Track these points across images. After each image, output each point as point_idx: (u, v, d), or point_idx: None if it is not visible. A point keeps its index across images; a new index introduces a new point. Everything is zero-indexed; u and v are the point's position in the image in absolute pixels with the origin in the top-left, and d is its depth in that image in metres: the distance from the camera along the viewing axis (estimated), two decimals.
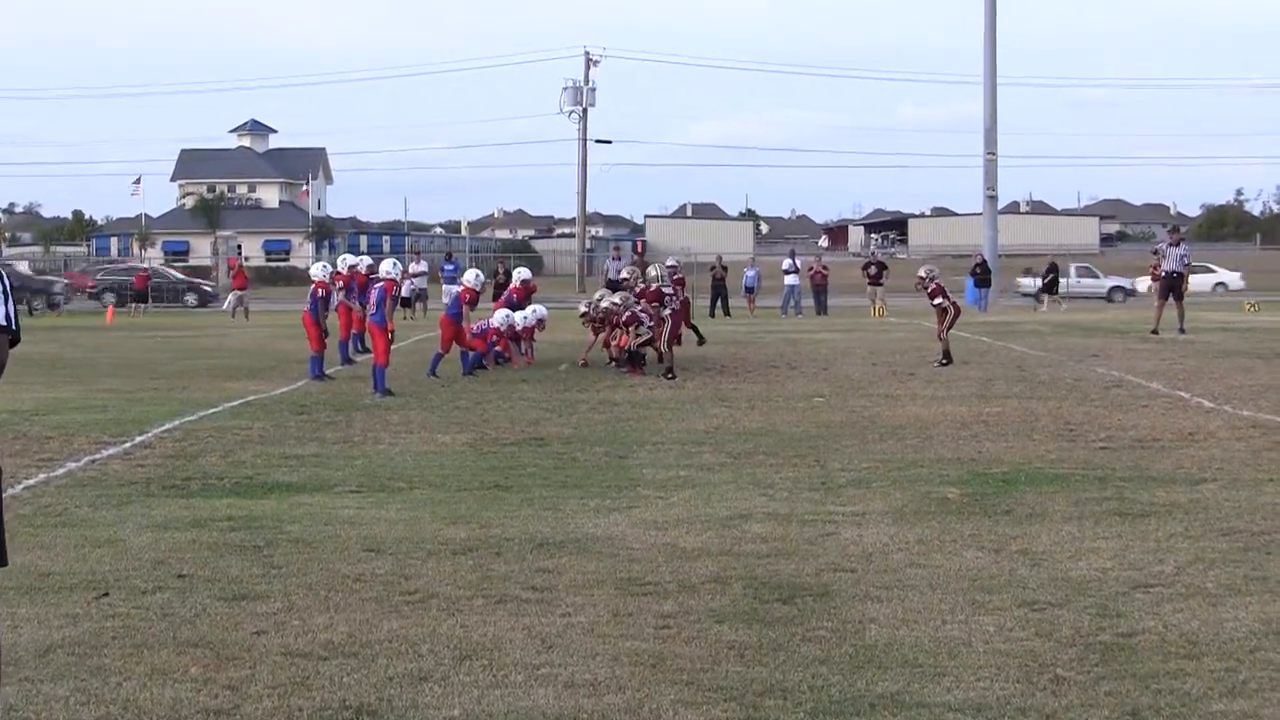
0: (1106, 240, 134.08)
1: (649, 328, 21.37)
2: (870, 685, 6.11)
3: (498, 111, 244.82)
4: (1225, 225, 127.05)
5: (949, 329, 22.99)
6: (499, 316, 22.77)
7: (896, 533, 9.37)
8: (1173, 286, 30.42)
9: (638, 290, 22.49)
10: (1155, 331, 29.43)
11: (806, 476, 11.83)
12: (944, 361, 22.45)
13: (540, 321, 24.00)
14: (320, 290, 21.73)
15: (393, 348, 19.62)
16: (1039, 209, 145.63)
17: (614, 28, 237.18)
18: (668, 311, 21.89)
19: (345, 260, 24.65)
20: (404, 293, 42.78)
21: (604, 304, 23.02)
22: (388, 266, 21.03)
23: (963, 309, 24.58)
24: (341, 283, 23.72)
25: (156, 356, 27.17)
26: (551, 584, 8.00)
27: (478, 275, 23.18)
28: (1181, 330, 29.64)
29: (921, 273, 23.64)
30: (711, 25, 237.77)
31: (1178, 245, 30.91)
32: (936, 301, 23.02)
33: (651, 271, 24.11)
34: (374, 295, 19.88)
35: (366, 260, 24.78)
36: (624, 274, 23.53)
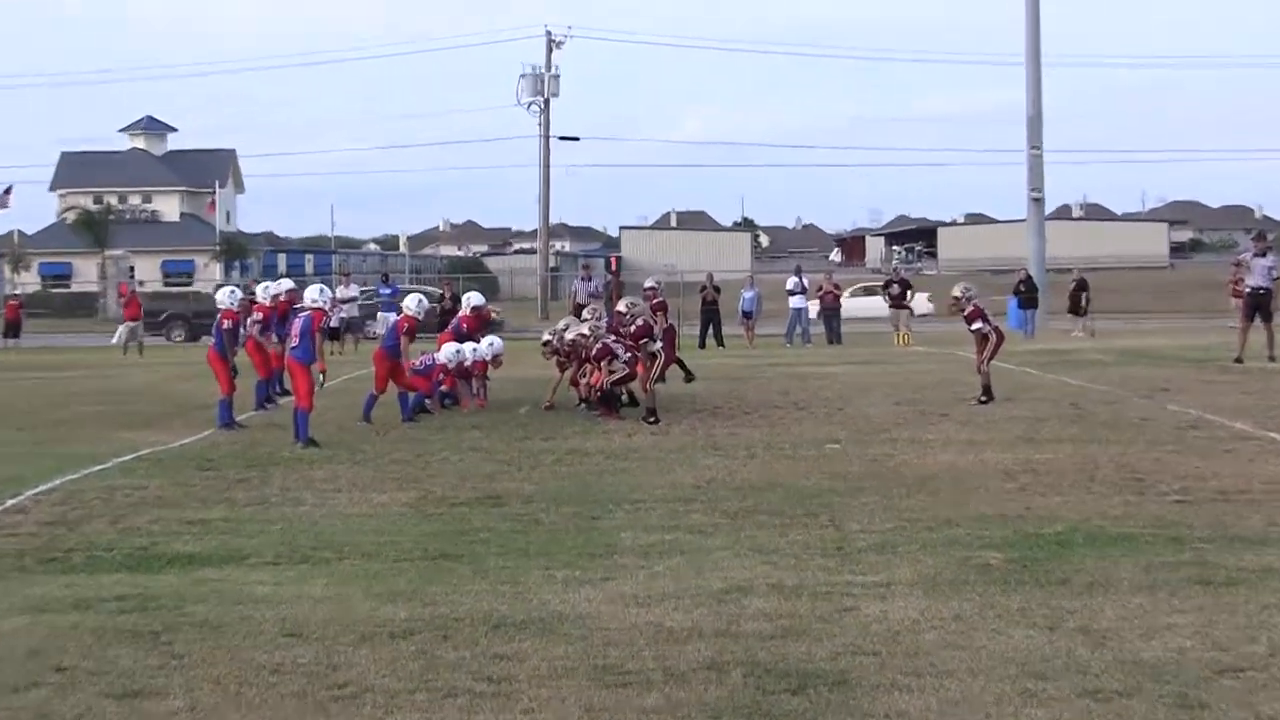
0: (1178, 250, 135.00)
1: (625, 362, 21.36)
2: None
3: (441, 104, 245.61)
4: None
5: (990, 359, 23.01)
6: (446, 351, 22.75)
7: (929, 607, 9.34)
8: (1259, 305, 30.22)
9: (633, 328, 22.16)
10: (1239, 360, 29.35)
11: (819, 540, 11.80)
12: (984, 399, 22.47)
13: (496, 357, 23.93)
14: (227, 321, 21.65)
15: (319, 389, 19.57)
16: (1095, 213, 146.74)
17: (580, 2, 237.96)
18: (657, 346, 21.87)
19: (267, 289, 24.31)
20: (332, 322, 42.89)
21: (570, 334, 22.95)
22: (314, 293, 20.71)
23: (1006, 335, 24.50)
24: (260, 314, 23.43)
25: (32, 402, 27.04)
26: (511, 674, 7.97)
27: (420, 301, 22.92)
28: (1271, 358, 29.65)
29: (956, 292, 23.68)
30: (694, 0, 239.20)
31: (1264, 255, 30.72)
32: (975, 326, 23.05)
33: (622, 306, 23.48)
34: (297, 326, 19.79)
35: (287, 284, 24.70)
36: (621, 307, 23.13)
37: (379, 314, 45.27)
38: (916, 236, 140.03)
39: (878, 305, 54.11)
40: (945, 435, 18.86)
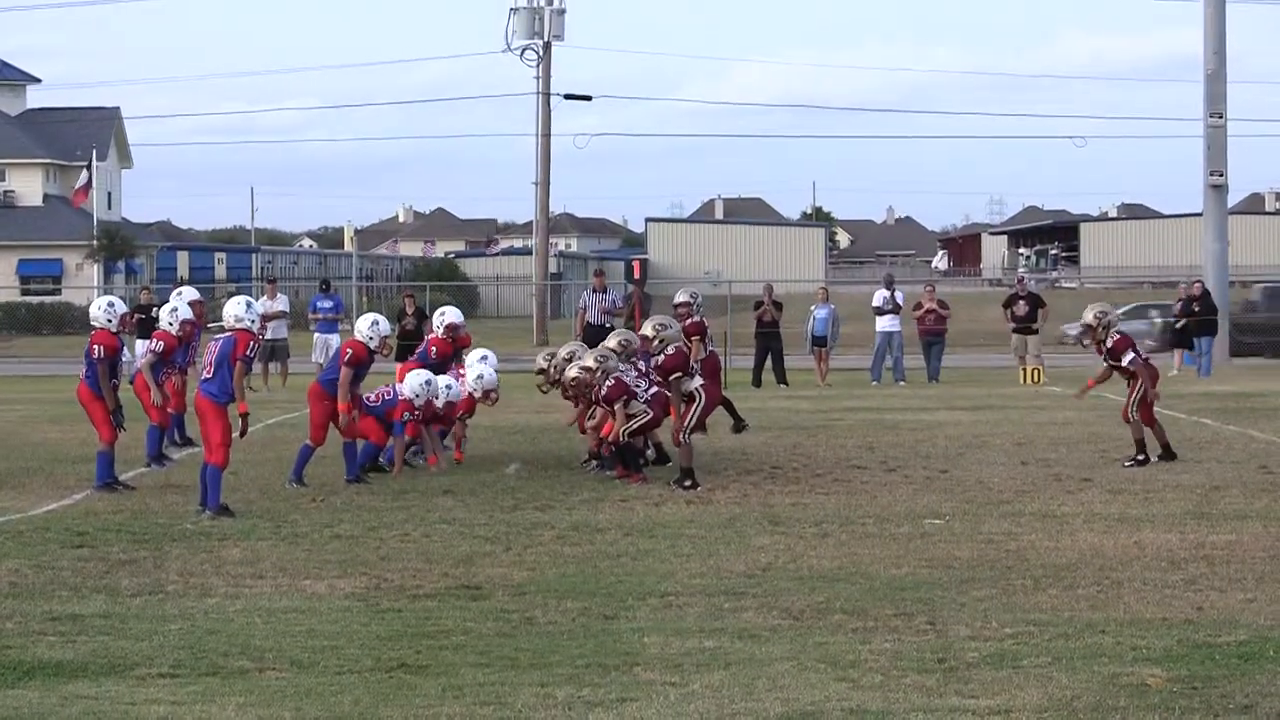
0: None
1: (647, 404, 21.37)
2: None
3: (402, 48, 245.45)
4: None
5: (1144, 404, 22.94)
6: (411, 383, 22.37)
7: None
8: None
9: (662, 358, 21.90)
10: None
11: (914, 649, 11.83)
12: (1140, 459, 22.47)
13: (487, 393, 23.56)
14: (98, 347, 21.35)
15: (235, 437, 19.59)
16: None
17: None
18: (696, 384, 21.65)
19: (177, 308, 23.61)
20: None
21: (573, 369, 22.58)
22: (237, 309, 19.85)
23: (1159, 373, 24.44)
24: (161, 342, 23.04)
25: None
26: None
27: (375, 323, 22.42)
28: None
29: (1089, 317, 23.64)
30: None
31: None
32: (1127, 360, 23.03)
33: (648, 330, 23.13)
34: (213, 352, 19.47)
35: (190, 294, 24.61)
36: (647, 330, 22.76)
37: (316, 335, 45.25)
38: (1051, 235, 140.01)
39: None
40: (1088, 508, 18.87)
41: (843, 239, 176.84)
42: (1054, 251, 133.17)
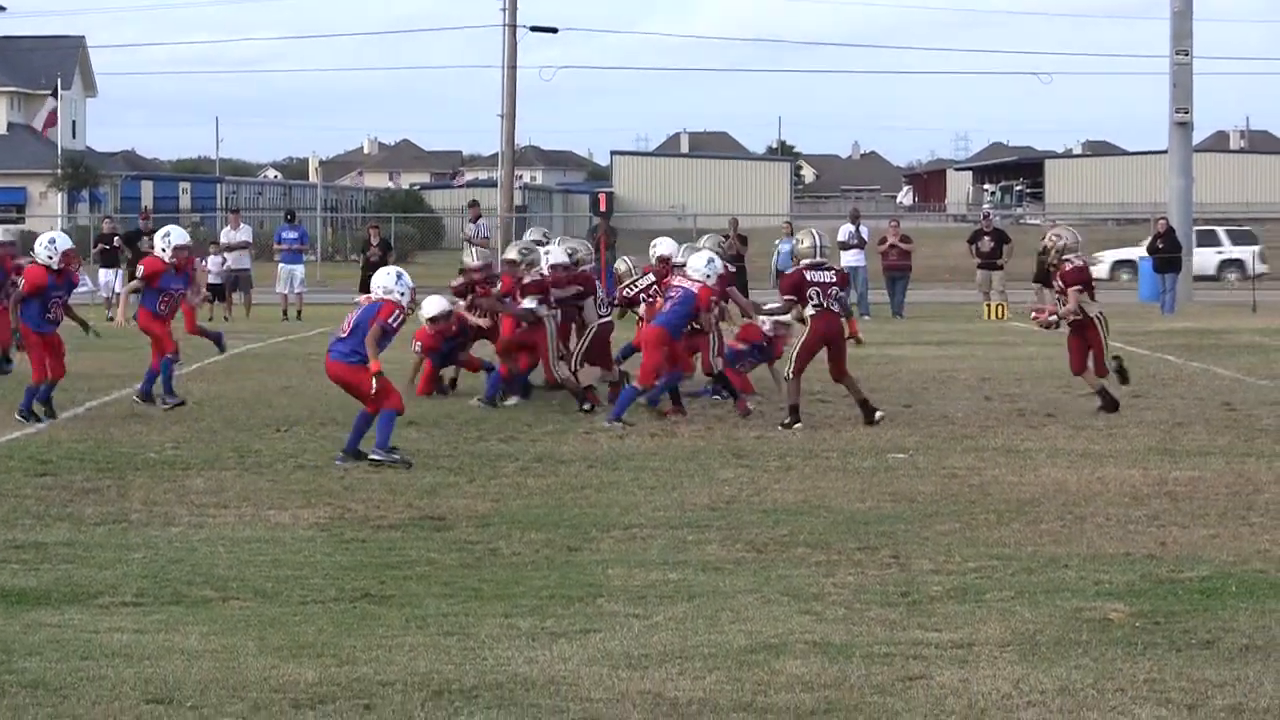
0: None
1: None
2: None
3: None
4: None
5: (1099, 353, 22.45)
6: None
7: (1025, 676, 9.41)
8: None
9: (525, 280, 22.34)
10: None
11: (877, 582, 11.89)
12: (1102, 405, 22.10)
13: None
14: (24, 281, 21.14)
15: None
16: (1260, 144, 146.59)
17: None
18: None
19: (170, 234, 23.22)
20: (213, 277, 42.93)
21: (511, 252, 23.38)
22: (387, 280, 18.75)
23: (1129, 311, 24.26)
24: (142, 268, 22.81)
25: None
26: None
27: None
28: None
29: (1046, 239, 23.23)
30: None
31: None
32: (1073, 292, 22.33)
33: (557, 251, 23.27)
34: (355, 315, 18.61)
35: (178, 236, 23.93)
36: (512, 254, 23.14)
37: (280, 266, 45.16)
38: (1016, 171, 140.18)
39: None
40: (1051, 444, 18.96)
41: (808, 174, 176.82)
42: (1019, 188, 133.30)
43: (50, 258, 21.06)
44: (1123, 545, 13.18)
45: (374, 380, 17.98)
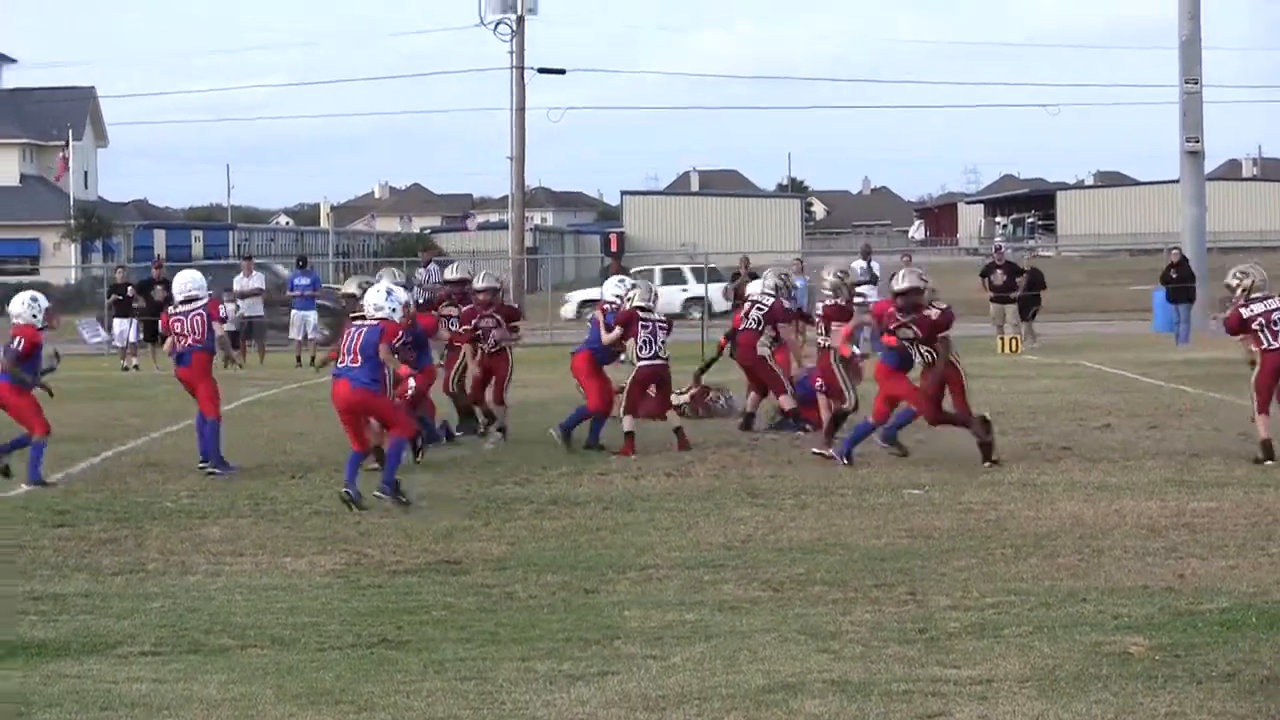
0: None
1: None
2: None
3: (376, 26, 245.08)
4: None
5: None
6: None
7: (1045, 711, 9.42)
8: None
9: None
10: None
11: (895, 620, 11.88)
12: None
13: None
14: (22, 340, 20.67)
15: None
16: (1273, 172, 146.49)
17: None
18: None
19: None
20: (228, 325, 42.94)
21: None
22: (377, 298, 18.99)
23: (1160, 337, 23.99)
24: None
25: None
26: None
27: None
28: None
29: (1232, 279, 21.07)
30: None
31: None
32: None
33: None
34: (358, 340, 18.37)
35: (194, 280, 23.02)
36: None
37: (293, 312, 45.10)
38: (1028, 204, 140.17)
39: None
40: (1067, 477, 18.91)
41: (819, 210, 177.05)
42: (1031, 220, 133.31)
43: (35, 316, 20.85)
44: (1141, 578, 13.17)
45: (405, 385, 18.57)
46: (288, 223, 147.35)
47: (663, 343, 22.77)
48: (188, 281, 21.68)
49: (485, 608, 12.60)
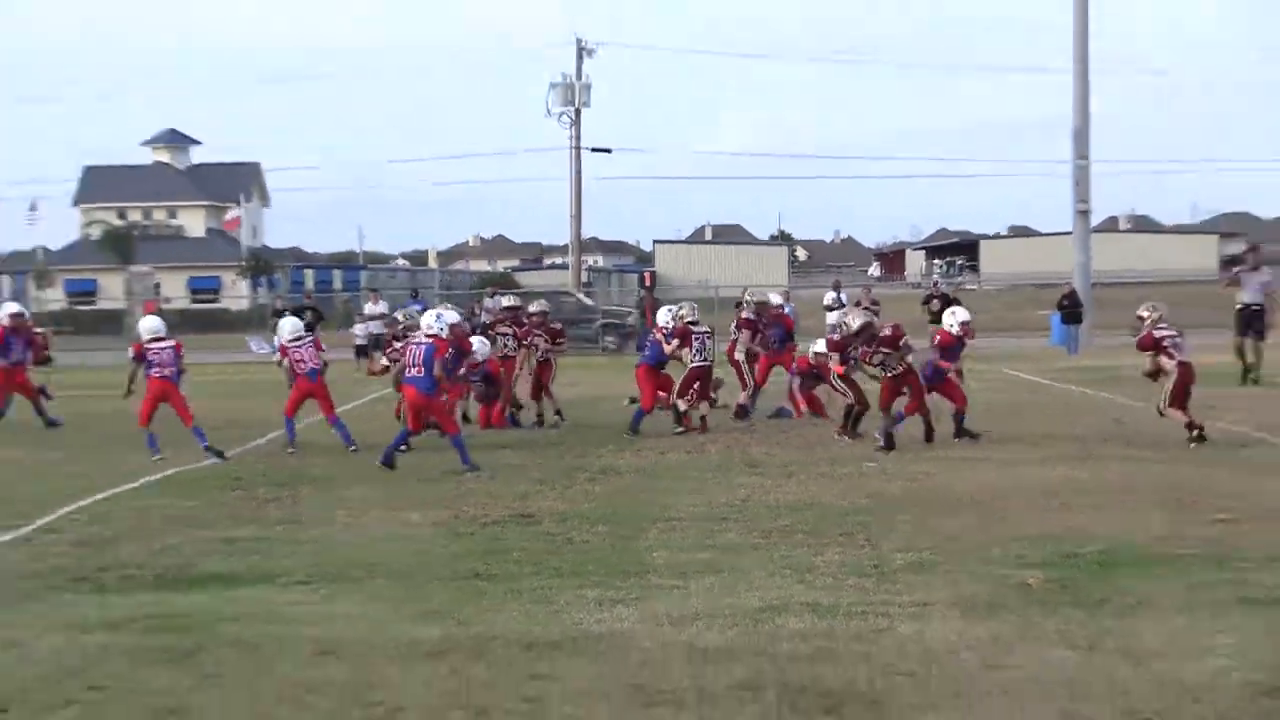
0: (1232, 262, 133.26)
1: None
2: None
3: (470, 117, 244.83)
4: None
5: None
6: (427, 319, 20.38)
7: (966, 628, 9.44)
8: (1250, 322, 29.65)
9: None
10: (1249, 372, 28.97)
11: (854, 559, 11.90)
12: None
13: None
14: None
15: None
16: (1143, 226, 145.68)
17: (612, 11, 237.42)
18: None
19: (440, 317, 20.48)
20: (360, 339, 43.13)
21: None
22: (428, 320, 19.76)
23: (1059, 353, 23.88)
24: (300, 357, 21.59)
25: (64, 421, 26.96)
26: (545, 693, 8.08)
27: (439, 315, 20.32)
28: (1255, 380, 29.02)
29: (1143, 311, 20.95)
30: (731, 9, 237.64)
31: (1257, 270, 30.40)
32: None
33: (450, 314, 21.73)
34: (418, 355, 18.89)
35: (450, 316, 21.91)
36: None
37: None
38: (957, 250, 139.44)
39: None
40: (987, 455, 18.85)
41: (801, 254, 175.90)
42: (960, 262, 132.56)
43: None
44: (1038, 528, 13.14)
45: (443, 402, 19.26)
46: (404, 264, 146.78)
47: (710, 348, 23.21)
48: (295, 325, 21.84)
49: (551, 550, 12.64)
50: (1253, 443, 19.56)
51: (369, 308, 45.22)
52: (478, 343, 22.95)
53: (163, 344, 20.81)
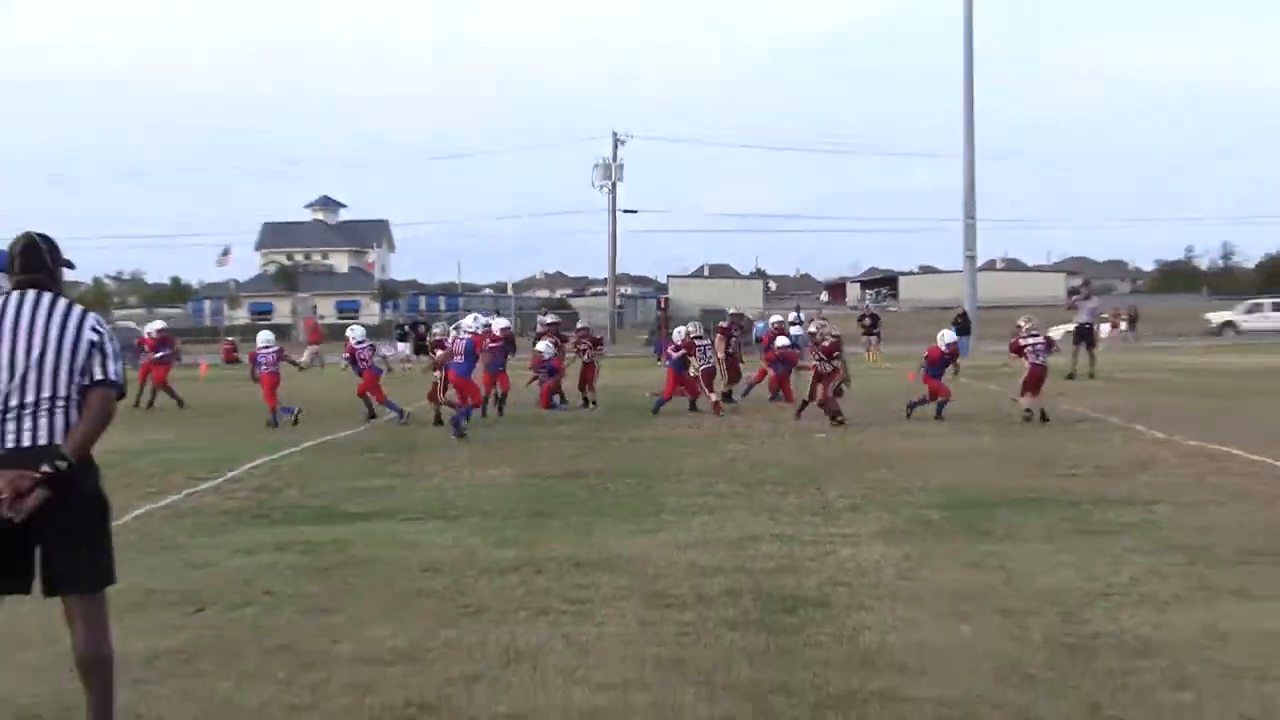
0: (1073, 293, 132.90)
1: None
2: (864, 684, 6.15)
3: (539, 186, 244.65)
4: (1177, 279, 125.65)
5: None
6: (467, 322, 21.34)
7: (887, 551, 9.38)
8: (1085, 335, 30.59)
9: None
10: (1073, 375, 28.99)
11: (808, 503, 11.84)
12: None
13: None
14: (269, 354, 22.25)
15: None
16: (1012, 266, 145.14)
17: (640, 113, 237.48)
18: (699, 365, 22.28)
19: (477, 319, 21.75)
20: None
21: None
22: (468, 321, 21.09)
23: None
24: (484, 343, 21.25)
25: (244, 403, 27.10)
26: (587, 597, 8.04)
27: (475, 317, 21.61)
28: (1091, 375, 29.20)
29: (1021, 321, 20.98)
30: (724, 110, 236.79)
31: (1089, 299, 31.46)
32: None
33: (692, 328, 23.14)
34: (461, 347, 19.68)
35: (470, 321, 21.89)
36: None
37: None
38: (883, 283, 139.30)
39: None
40: (903, 429, 18.79)
41: (772, 285, 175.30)
42: (884, 291, 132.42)
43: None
44: (940, 480, 13.08)
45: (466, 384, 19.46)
46: (489, 291, 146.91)
47: (710, 354, 23.14)
48: (359, 333, 22.94)
49: (592, 496, 12.60)
50: (1090, 420, 19.50)
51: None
52: (544, 345, 23.83)
53: (269, 349, 22.43)
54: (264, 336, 23.03)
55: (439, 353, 21.22)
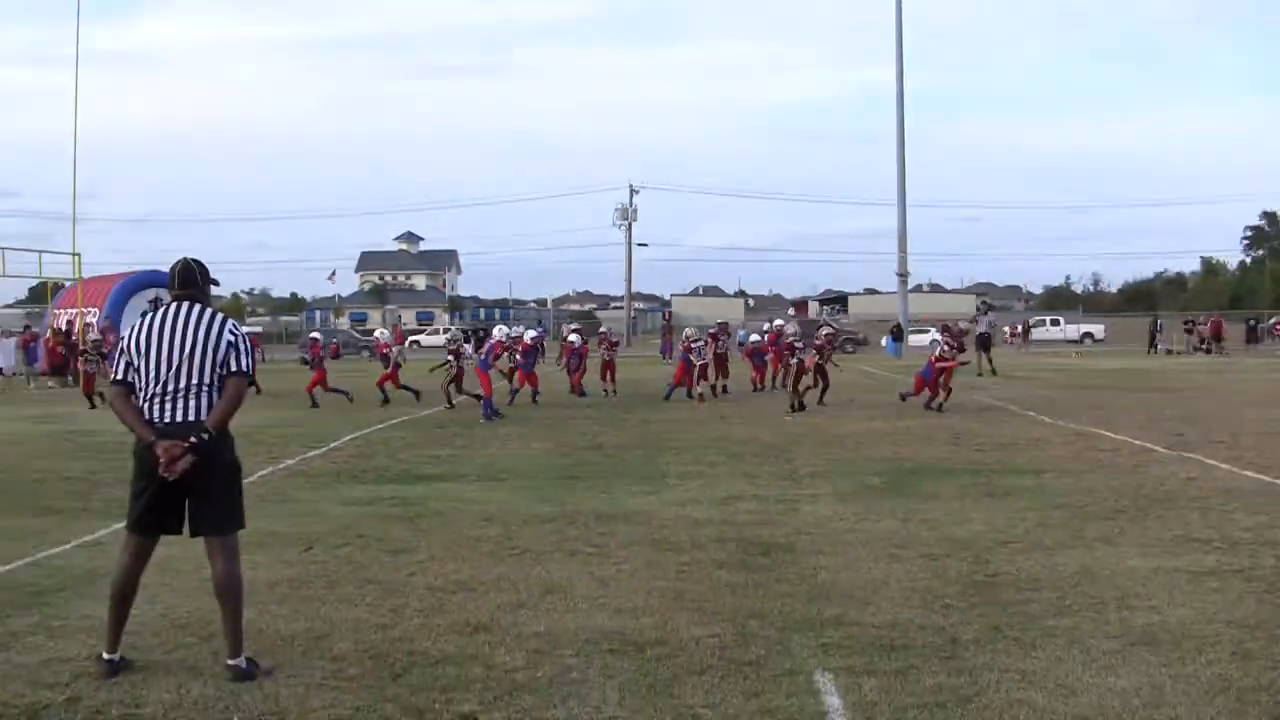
0: (979, 309, 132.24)
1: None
2: (821, 611, 6.12)
3: (572, 224, 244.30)
4: (1059, 300, 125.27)
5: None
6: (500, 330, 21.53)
7: (839, 508, 9.32)
8: (984, 344, 31.31)
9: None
10: (980, 374, 28.97)
11: (780, 470, 11.79)
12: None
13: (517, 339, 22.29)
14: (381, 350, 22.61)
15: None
16: (935, 289, 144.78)
17: (651, 168, 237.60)
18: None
19: (502, 329, 22.26)
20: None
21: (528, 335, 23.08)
22: (496, 330, 21.22)
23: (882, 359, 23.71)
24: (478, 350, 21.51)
25: (344, 397, 27.01)
26: (606, 543, 7.99)
27: (500, 328, 22.46)
28: (994, 372, 29.45)
29: (955, 324, 21.60)
30: (715, 166, 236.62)
31: (987, 314, 33.85)
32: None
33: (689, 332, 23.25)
34: (486, 349, 19.88)
35: (522, 329, 22.72)
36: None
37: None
38: (837, 301, 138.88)
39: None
40: (851, 415, 18.70)
41: (751, 303, 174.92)
42: (838, 308, 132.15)
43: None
44: (880, 453, 13.03)
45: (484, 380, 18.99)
46: (534, 306, 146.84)
47: (705, 353, 22.75)
48: (383, 335, 23.36)
49: (612, 463, 12.54)
50: (994, 408, 19.40)
51: (515, 330, 45.04)
52: (574, 336, 23.94)
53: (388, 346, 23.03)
54: (381, 334, 23.18)
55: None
